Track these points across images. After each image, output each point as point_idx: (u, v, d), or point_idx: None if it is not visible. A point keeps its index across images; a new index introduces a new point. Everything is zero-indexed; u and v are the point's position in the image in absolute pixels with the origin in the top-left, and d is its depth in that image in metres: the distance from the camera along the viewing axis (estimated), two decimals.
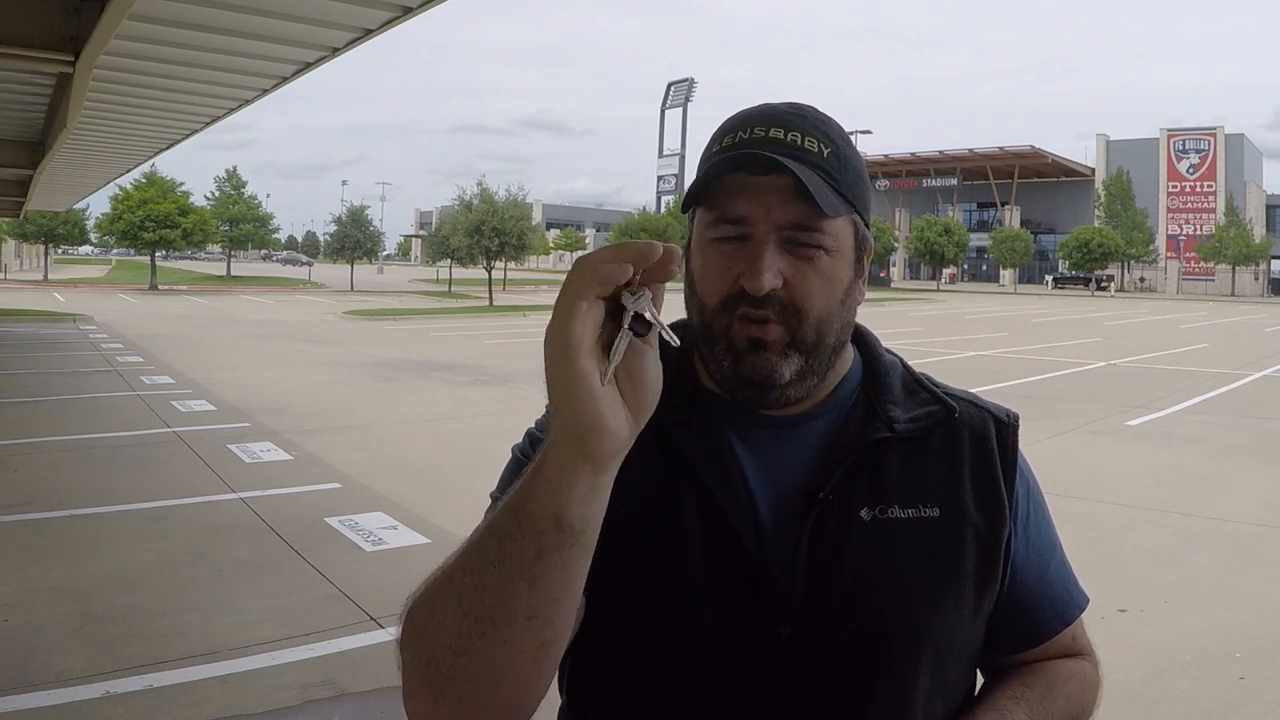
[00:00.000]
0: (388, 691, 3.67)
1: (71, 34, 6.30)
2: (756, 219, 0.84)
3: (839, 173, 0.85)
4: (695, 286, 0.89)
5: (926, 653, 0.86)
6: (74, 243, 51.36)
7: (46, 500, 6.30)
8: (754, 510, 0.87)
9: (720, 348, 0.86)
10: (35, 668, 3.73)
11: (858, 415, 0.92)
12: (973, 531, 0.89)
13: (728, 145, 0.87)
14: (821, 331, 0.86)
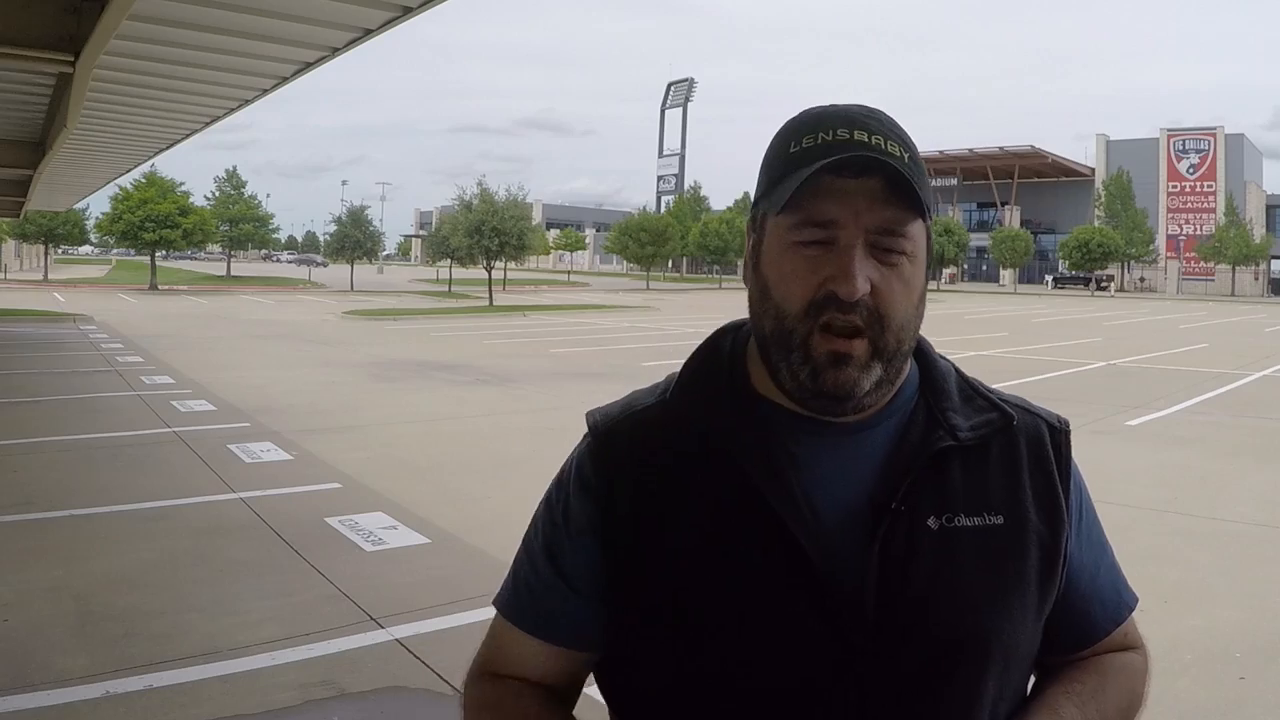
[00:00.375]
0: (388, 691, 3.67)
1: (71, 34, 6.31)
2: (845, 222, 0.83)
3: (918, 178, 0.84)
4: (770, 291, 0.86)
5: (994, 659, 0.87)
6: (74, 243, 51.37)
7: (46, 500, 6.30)
8: (818, 522, 0.85)
9: (797, 357, 0.85)
10: (35, 668, 3.73)
11: (919, 423, 0.91)
12: (1035, 538, 0.90)
13: (808, 147, 0.85)
14: (900, 339, 0.86)
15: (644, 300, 40.30)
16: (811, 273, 0.83)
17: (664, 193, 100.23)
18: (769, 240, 0.88)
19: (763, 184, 0.90)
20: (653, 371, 9.39)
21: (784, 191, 0.83)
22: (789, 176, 0.84)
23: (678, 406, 0.92)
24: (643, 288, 54.60)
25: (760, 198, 0.90)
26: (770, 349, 0.87)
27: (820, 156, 0.83)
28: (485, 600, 4.35)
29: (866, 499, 0.86)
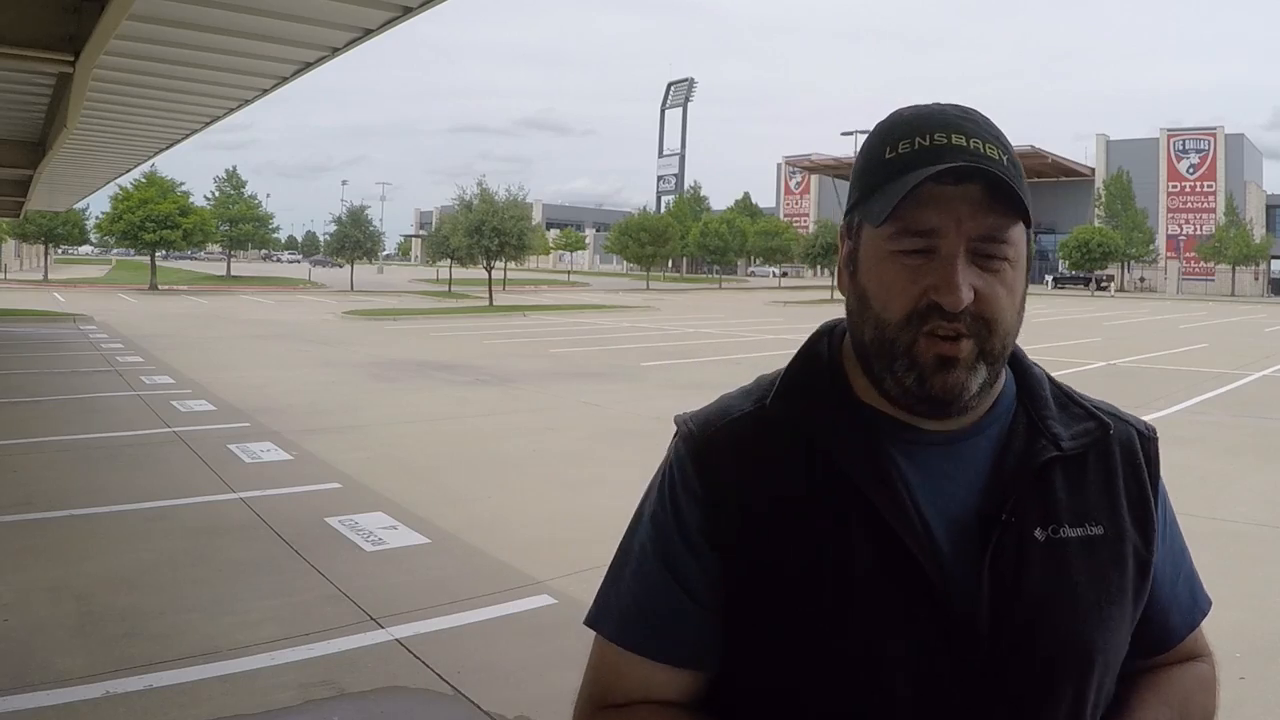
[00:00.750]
0: (388, 691, 3.67)
1: (71, 34, 6.30)
2: (947, 230, 0.81)
3: (1018, 182, 0.82)
4: (870, 300, 0.85)
5: (1098, 669, 0.87)
6: (74, 243, 51.36)
7: (46, 500, 6.30)
8: (929, 534, 0.84)
9: (901, 365, 0.83)
10: (35, 668, 3.73)
11: (1020, 432, 0.90)
12: (1131, 547, 0.90)
13: (905, 153, 0.83)
14: (1005, 344, 0.85)
15: (644, 300, 40.30)
16: (912, 282, 0.82)
17: (664, 193, 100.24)
18: (866, 248, 0.86)
19: (857, 190, 0.88)
20: (653, 372, 9.40)
21: (884, 201, 0.82)
22: (888, 185, 0.82)
23: (780, 412, 0.90)
24: (643, 288, 54.60)
25: (855, 204, 0.88)
26: (872, 357, 0.86)
27: (919, 162, 0.81)
28: (485, 600, 4.33)
29: (973, 510, 0.85)
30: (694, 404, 1.01)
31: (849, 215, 0.89)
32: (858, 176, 0.88)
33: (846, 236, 0.90)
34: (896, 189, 0.81)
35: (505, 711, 3.50)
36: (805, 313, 32.88)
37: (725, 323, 26.86)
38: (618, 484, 7.19)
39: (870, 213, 0.84)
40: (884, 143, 0.86)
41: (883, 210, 0.81)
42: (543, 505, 6.55)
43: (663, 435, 0.99)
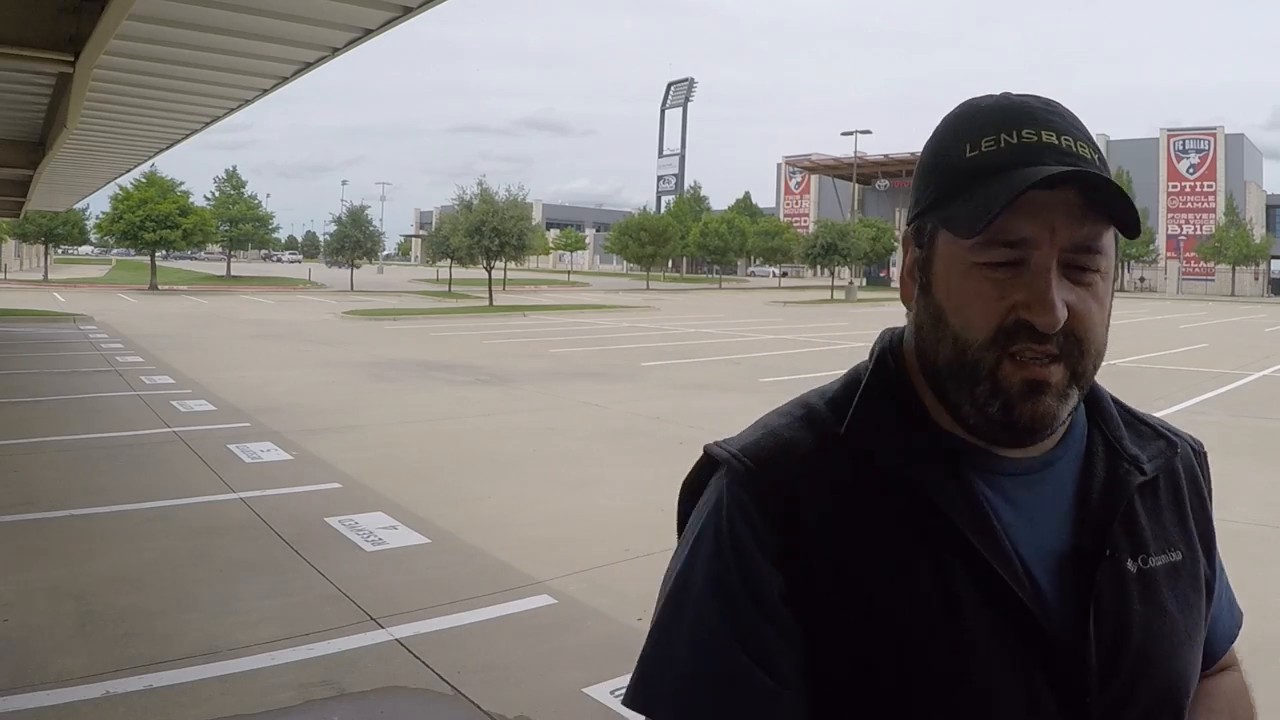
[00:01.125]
0: (388, 691, 3.67)
1: (71, 34, 6.31)
2: (1039, 241, 0.73)
3: (1114, 185, 0.73)
4: (947, 317, 0.76)
5: (1188, 697, 0.84)
6: (74, 243, 51.34)
7: (46, 500, 6.30)
8: (1030, 577, 0.76)
9: (984, 390, 0.75)
10: (35, 668, 3.73)
11: (1100, 455, 0.83)
12: (1201, 569, 0.87)
13: (990, 151, 0.75)
14: (1096, 366, 0.78)
15: (644, 300, 40.30)
16: (999, 298, 0.74)
17: (664, 193, 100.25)
18: (943, 259, 0.77)
19: (930, 191, 0.79)
20: (653, 372, 9.38)
21: (975, 209, 0.72)
22: (975, 189, 0.74)
23: (859, 442, 0.79)
24: (643, 288, 54.59)
25: (928, 208, 0.78)
26: (948, 380, 0.77)
27: (1010, 163, 0.73)
28: (485, 600, 4.34)
29: (1067, 546, 0.79)
30: (694, 403, 1.00)
31: (918, 220, 0.80)
32: (928, 175, 0.80)
33: (914, 243, 0.81)
34: (993, 195, 0.72)
35: (505, 711, 3.50)
36: (805, 312, 32.88)
37: (725, 323, 26.86)
38: (618, 484, 7.19)
39: (956, 220, 0.74)
40: (960, 138, 0.77)
41: (976, 219, 0.72)
42: (543, 505, 6.55)
43: (662, 435, 0.98)
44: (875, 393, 0.82)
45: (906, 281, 0.82)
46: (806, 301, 40.75)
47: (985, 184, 0.73)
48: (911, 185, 0.83)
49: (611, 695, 3.60)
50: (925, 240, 0.79)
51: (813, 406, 0.83)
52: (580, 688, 3.67)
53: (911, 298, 0.82)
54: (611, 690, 3.64)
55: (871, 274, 69.17)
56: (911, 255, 0.82)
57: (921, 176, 0.81)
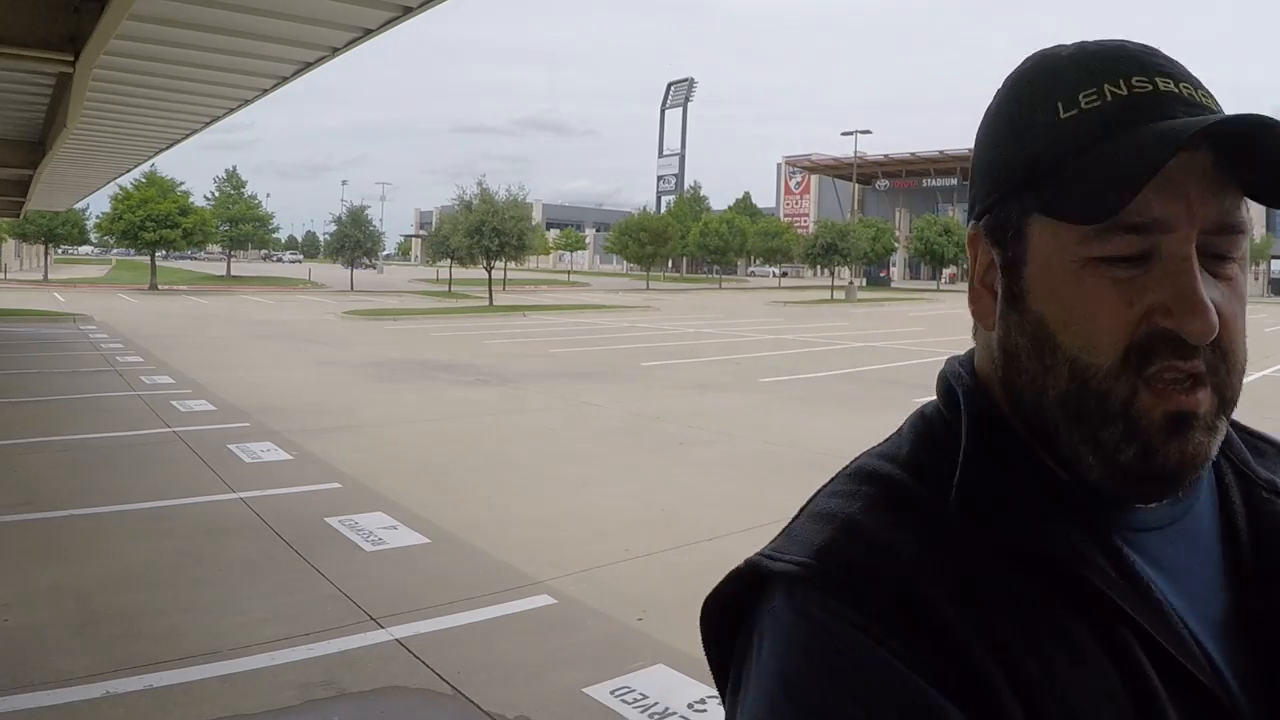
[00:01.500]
0: (388, 691, 3.67)
1: (71, 34, 6.31)
2: (1176, 221, 0.55)
3: None
4: (1056, 336, 0.57)
5: None
6: (74, 243, 51.38)
7: (46, 500, 6.30)
8: (1202, 650, 0.59)
9: (1114, 432, 0.56)
10: (35, 668, 3.74)
11: (1232, 487, 0.67)
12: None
13: (1094, 108, 0.56)
14: (1241, 387, 0.62)
15: (644, 300, 40.30)
16: (1126, 303, 0.55)
17: (664, 193, 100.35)
18: (1041, 256, 0.58)
19: (1013, 169, 0.59)
20: (653, 371, 9.37)
21: (1095, 185, 0.54)
22: (1087, 157, 0.55)
23: (970, 511, 0.58)
24: (643, 288, 54.60)
25: (1012, 191, 0.59)
26: (1061, 422, 0.58)
27: (1126, 119, 0.55)
28: (485, 600, 4.35)
29: (1228, 605, 0.62)
30: (694, 403, 0.95)
31: (1000, 209, 0.60)
32: (1006, 147, 0.60)
33: (990, 241, 0.62)
34: (1121, 163, 0.53)
35: (505, 711, 3.50)
36: (805, 312, 32.88)
37: (725, 323, 26.85)
38: (618, 484, 7.19)
39: (1066, 202, 0.55)
40: (1050, 94, 0.58)
41: (1103, 197, 0.53)
42: (543, 505, 6.55)
43: (663, 435, 0.96)
44: (981, 445, 0.62)
45: (981, 294, 0.63)
46: (806, 301, 40.76)
47: (1101, 150, 0.55)
48: (972, 168, 0.65)
49: (611, 695, 3.60)
50: (1010, 235, 0.60)
51: (887, 477, 0.62)
52: (580, 688, 3.67)
53: (992, 314, 0.62)
54: (611, 690, 3.64)
55: (871, 274, 69.18)
56: (988, 258, 0.62)
57: (994, 150, 0.61)
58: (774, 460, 8.03)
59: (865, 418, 10.30)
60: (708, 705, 3.54)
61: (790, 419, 10.14)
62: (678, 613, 4.50)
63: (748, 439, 8.91)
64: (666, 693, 3.63)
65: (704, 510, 6.36)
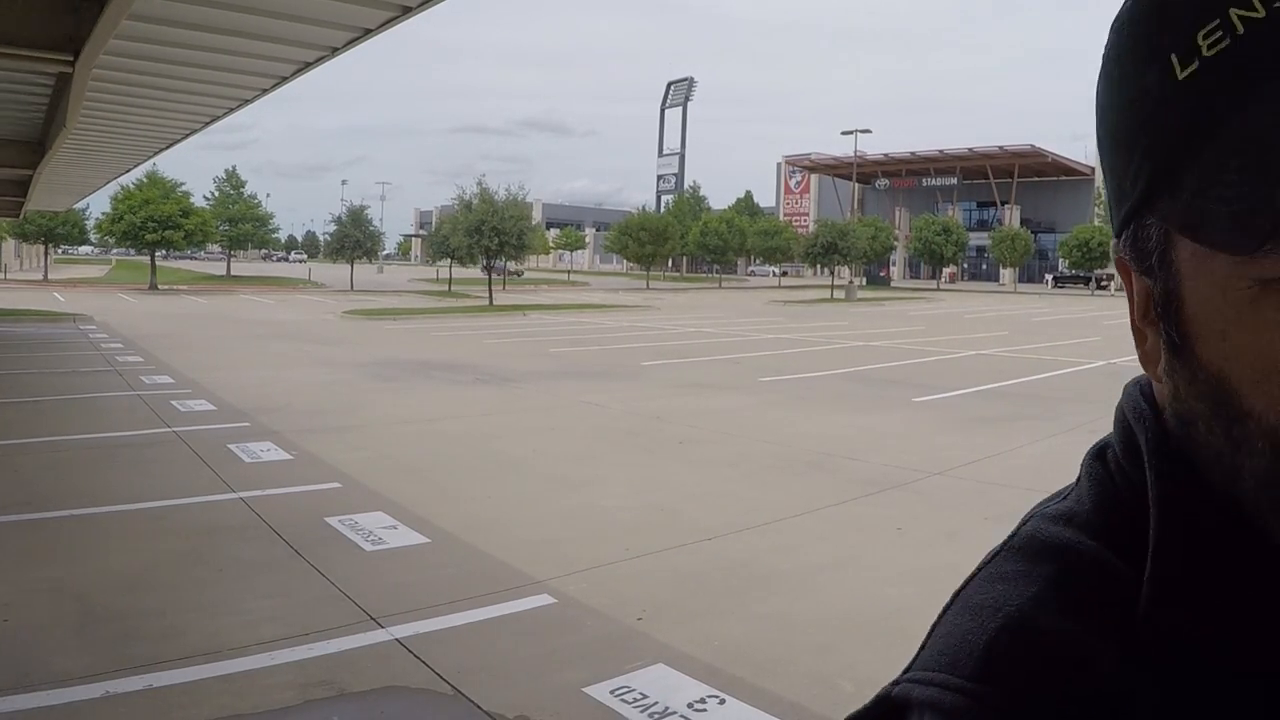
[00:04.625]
0: (388, 691, 3.67)
1: (71, 34, 6.31)
2: None
3: None
4: (1240, 398, 0.39)
5: None
6: (74, 243, 51.40)
7: (46, 500, 6.30)
8: None
9: None
10: (35, 668, 3.73)
11: None
12: None
13: (1221, 53, 0.36)
14: None
15: (644, 300, 40.30)
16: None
17: (664, 192, 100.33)
18: (1200, 287, 0.40)
19: (1139, 165, 0.40)
20: (653, 371, 9.37)
21: (1239, 190, 0.35)
22: (1216, 136, 0.36)
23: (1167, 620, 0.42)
24: (642, 287, 54.60)
25: (1142, 199, 0.40)
26: (1262, 507, 0.39)
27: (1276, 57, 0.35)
28: (485, 600, 4.35)
29: None
30: (694, 402, 0.92)
31: (1135, 223, 0.42)
32: (1118, 131, 0.41)
33: (1138, 268, 0.44)
34: (1272, 143, 0.34)
35: (505, 711, 3.50)
36: (805, 312, 32.87)
37: (725, 322, 26.85)
38: (618, 484, 7.19)
39: (1209, 224, 0.37)
40: (1159, 42, 0.38)
41: (1255, 210, 0.35)
42: (543, 505, 6.55)
43: (663, 435, 0.95)
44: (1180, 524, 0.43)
45: (1144, 336, 0.47)
46: (806, 301, 40.74)
47: (1243, 124, 0.35)
48: (1099, 157, 0.45)
49: (611, 695, 3.60)
50: (1156, 259, 0.42)
51: (1071, 550, 0.45)
52: (580, 687, 3.67)
53: (1158, 364, 0.45)
54: (611, 690, 3.64)
55: (871, 273, 69.19)
56: (1143, 288, 0.45)
57: (1109, 137, 0.42)
58: (774, 460, 8.03)
59: (865, 417, 10.30)
60: (708, 705, 3.54)
61: (790, 418, 10.14)
62: (678, 613, 4.50)
63: (748, 438, 8.91)
64: (666, 693, 3.63)
65: (704, 510, 6.36)
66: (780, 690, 3.69)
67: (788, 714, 3.50)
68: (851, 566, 5.25)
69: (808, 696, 3.64)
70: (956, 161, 71.21)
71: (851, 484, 7.13)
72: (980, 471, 7.51)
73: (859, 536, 5.85)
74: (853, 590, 4.85)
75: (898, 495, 6.81)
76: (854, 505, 6.55)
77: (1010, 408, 11.00)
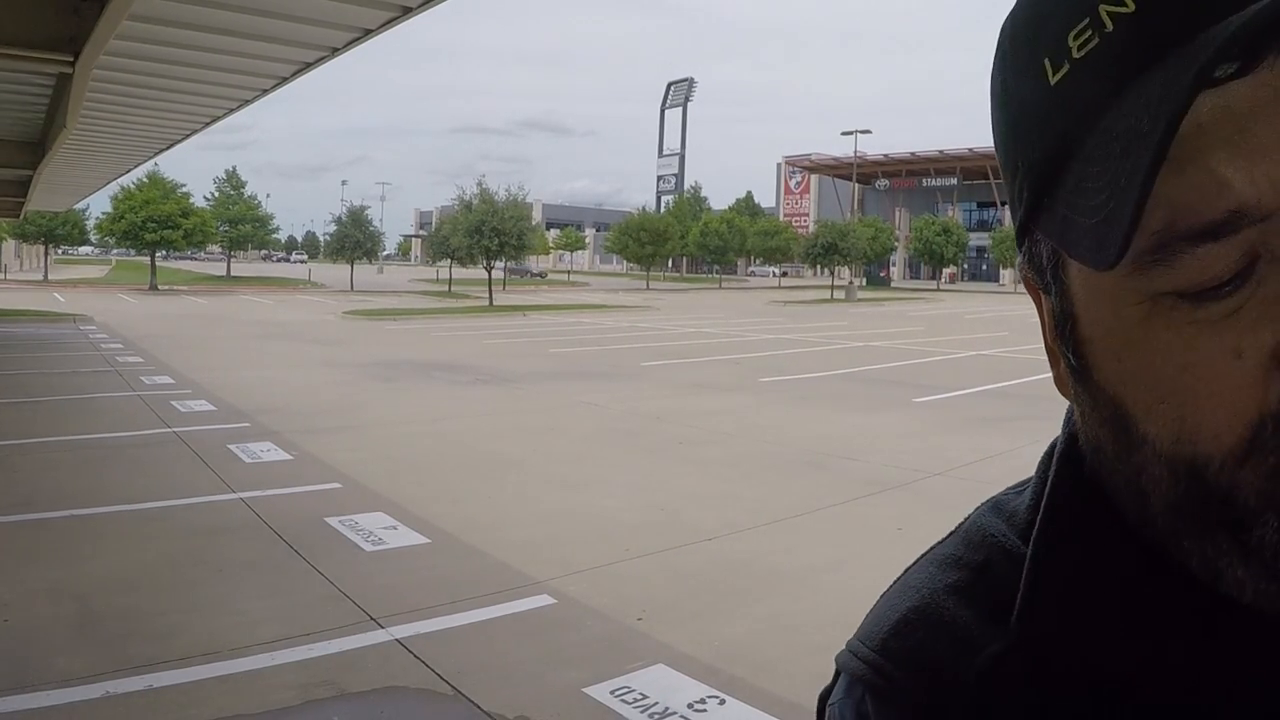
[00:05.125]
0: (388, 691, 3.67)
1: (71, 34, 6.30)
2: (1275, 194, 0.31)
3: None
4: (1137, 423, 0.36)
5: None
6: (74, 243, 51.40)
7: (46, 500, 6.30)
8: None
9: (1233, 547, 0.35)
10: (35, 668, 3.73)
11: None
12: None
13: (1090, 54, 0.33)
14: None
15: (644, 300, 40.30)
16: (1233, 354, 0.33)
17: (664, 192, 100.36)
18: (1089, 305, 0.37)
19: (1022, 178, 0.37)
20: (653, 371, 9.38)
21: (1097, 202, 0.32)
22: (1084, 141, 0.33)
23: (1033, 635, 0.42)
24: (642, 287, 54.61)
25: (1027, 213, 0.37)
26: (1185, 534, 0.37)
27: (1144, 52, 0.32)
28: (485, 600, 4.35)
29: None
30: (694, 403, 0.92)
31: (1027, 238, 0.40)
32: (1004, 141, 0.39)
33: (1039, 285, 0.41)
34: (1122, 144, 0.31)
35: (505, 711, 3.50)
36: (805, 312, 32.87)
37: (725, 322, 26.85)
38: (618, 484, 7.19)
39: (1072, 235, 0.33)
40: (1035, 46, 0.35)
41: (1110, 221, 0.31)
42: (543, 505, 6.55)
43: (663, 435, 0.95)
44: (1060, 530, 0.43)
45: (1054, 357, 0.42)
46: (806, 301, 40.75)
47: (1107, 128, 0.32)
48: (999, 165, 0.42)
49: (611, 695, 3.60)
50: (1050, 277, 0.39)
51: (995, 542, 0.47)
52: (580, 687, 3.67)
53: (1066, 385, 0.42)
54: (611, 690, 3.64)
55: (871, 273, 69.21)
56: (1047, 305, 0.41)
57: (1000, 147, 0.40)
58: (774, 460, 8.03)
59: (865, 418, 10.30)
60: (707, 705, 3.54)
61: (790, 419, 10.14)
62: (678, 613, 4.50)
63: (748, 439, 8.90)
64: (666, 693, 3.63)
65: (704, 510, 6.36)
66: (780, 690, 3.69)
67: (788, 714, 3.49)
68: (851, 566, 5.25)
69: (808, 696, 3.62)
70: (956, 162, 71.21)
71: (852, 484, 7.13)
72: (980, 472, 7.51)
73: (859, 536, 5.85)
74: (853, 590, 4.85)
75: (898, 495, 6.81)
76: (854, 505, 6.55)
77: (1010, 408, 11.01)
